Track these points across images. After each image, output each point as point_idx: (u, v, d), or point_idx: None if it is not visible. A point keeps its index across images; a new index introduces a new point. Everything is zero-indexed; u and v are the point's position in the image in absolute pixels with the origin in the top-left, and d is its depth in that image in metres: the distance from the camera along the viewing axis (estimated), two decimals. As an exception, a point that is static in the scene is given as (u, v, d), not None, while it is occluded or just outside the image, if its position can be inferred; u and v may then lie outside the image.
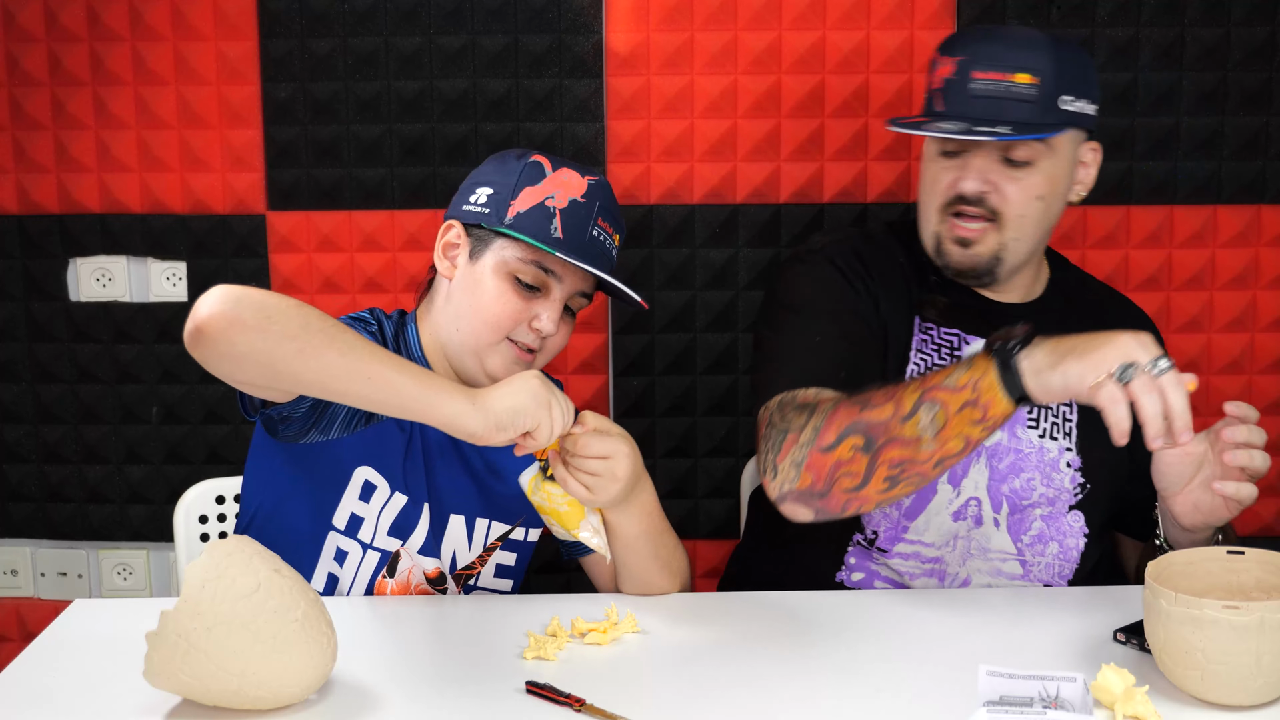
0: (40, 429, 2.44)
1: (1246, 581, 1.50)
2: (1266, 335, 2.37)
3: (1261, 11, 2.29)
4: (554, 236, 1.67)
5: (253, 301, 1.45)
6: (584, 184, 1.70)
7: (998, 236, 1.76)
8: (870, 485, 1.59)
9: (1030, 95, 1.69)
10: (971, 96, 1.71)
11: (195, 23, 2.31)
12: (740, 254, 2.35)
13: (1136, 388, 1.44)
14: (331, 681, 1.48)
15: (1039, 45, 1.72)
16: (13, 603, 2.50)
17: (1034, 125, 1.69)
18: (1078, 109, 1.73)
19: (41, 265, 2.40)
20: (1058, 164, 1.75)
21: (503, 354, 1.70)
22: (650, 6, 2.30)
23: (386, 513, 1.73)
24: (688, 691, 1.45)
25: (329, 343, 1.46)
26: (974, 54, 1.73)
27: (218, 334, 1.43)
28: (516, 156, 1.74)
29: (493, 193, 1.71)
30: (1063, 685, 1.29)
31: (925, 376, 1.59)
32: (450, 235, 1.74)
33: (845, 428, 1.59)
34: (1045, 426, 1.81)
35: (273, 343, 1.44)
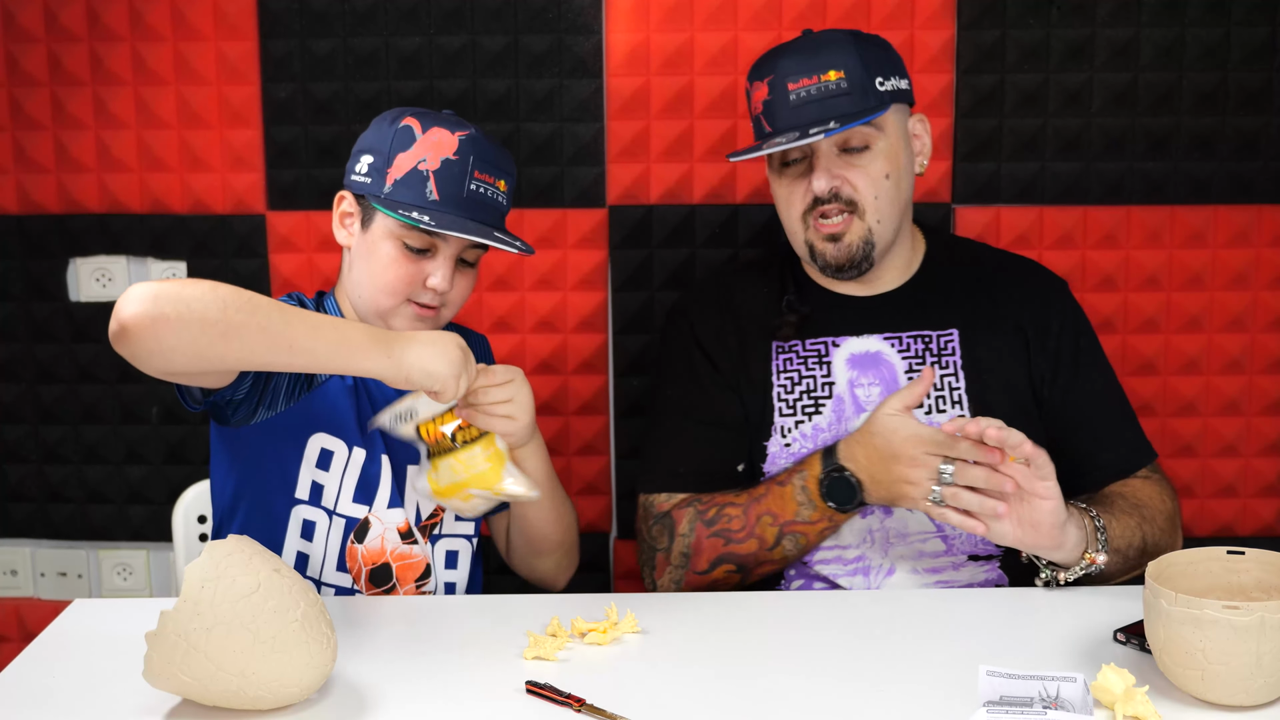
0: (40, 429, 2.44)
1: (1246, 581, 1.50)
2: (1266, 335, 2.37)
3: (1261, 11, 2.28)
4: (430, 200, 1.72)
5: (170, 295, 1.47)
6: (454, 140, 1.74)
7: (861, 223, 1.82)
8: (745, 582, 1.84)
9: (845, 88, 1.78)
10: (792, 107, 1.79)
11: (195, 23, 2.31)
12: (740, 254, 2.35)
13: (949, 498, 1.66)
14: (331, 681, 1.48)
15: (838, 42, 1.81)
16: (13, 603, 2.50)
17: (857, 113, 1.77)
18: (892, 86, 1.82)
19: (41, 265, 2.40)
20: (891, 142, 1.82)
21: (404, 315, 1.77)
22: (650, 6, 2.30)
23: (349, 475, 1.77)
24: (688, 691, 1.45)
25: (249, 319, 1.50)
26: (781, 70, 1.81)
27: (142, 331, 1.45)
28: (390, 120, 1.77)
29: (372, 161, 1.76)
30: (1063, 685, 1.29)
31: (764, 505, 1.79)
32: (344, 205, 1.80)
33: (715, 559, 1.81)
34: (930, 403, 1.85)
35: (195, 331, 1.47)
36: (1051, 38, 2.29)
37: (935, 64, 2.30)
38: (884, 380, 1.86)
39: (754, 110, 1.85)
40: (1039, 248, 2.32)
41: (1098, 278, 2.34)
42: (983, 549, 1.84)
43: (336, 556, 1.78)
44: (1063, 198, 2.34)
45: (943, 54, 2.30)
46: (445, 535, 1.86)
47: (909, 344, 1.87)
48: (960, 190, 2.34)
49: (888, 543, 1.83)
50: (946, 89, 2.31)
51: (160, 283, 1.49)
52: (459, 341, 1.63)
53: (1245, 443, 2.40)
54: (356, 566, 1.79)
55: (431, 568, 1.83)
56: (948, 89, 2.31)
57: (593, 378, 2.40)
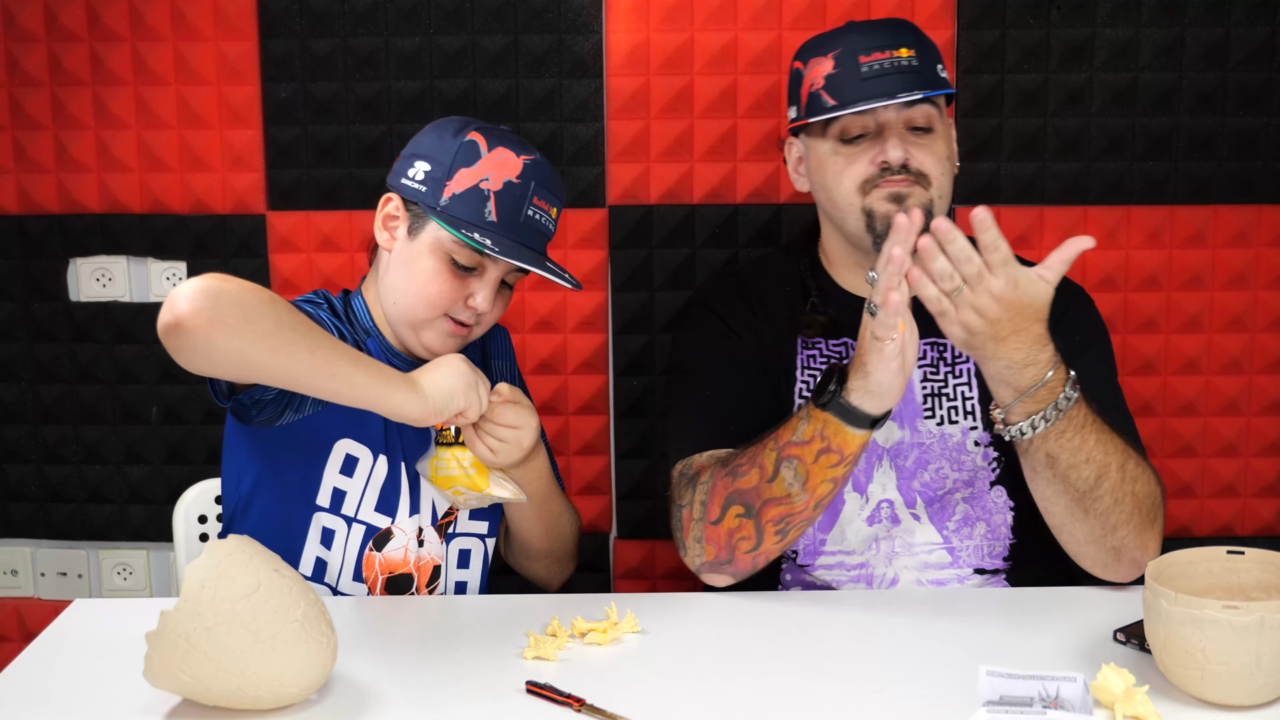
0: (40, 429, 2.44)
1: (1246, 581, 1.50)
2: (1266, 335, 2.37)
3: (1261, 11, 2.29)
4: (488, 220, 1.69)
5: (231, 299, 1.48)
6: (519, 164, 1.71)
7: (925, 193, 1.79)
8: (765, 542, 1.71)
9: (915, 65, 1.77)
10: (864, 79, 1.76)
11: (195, 23, 2.31)
12: (740, 254, 2.35)
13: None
14: (331, 681, 1.48)
15: (901, 26, 1.83)
16: (13, 603, 2.51)
17: (937, 85, 1.78)
18: (946, 77, 1.82)
19: (41, 265, 2.40)
20: (948, 128, 1.83)
21: (438, 329, 1.74)
22: (650, 6, 2.30)
23: (372, 483, 1.76)
24: (688, 691, 1.45)
25: (299, 339, 1.51)
26: (848, 45, 1.78)
27: (197, 331, 1.46)
28: (454, 131, 1.73)
29: (430, 170, 1.72)
30: (1063, 685, 1.29)
31: (776, 433, 1.68)
32: (390, 208, 1.76)
33: (724, 499, 1.71)
34: (942, 413, 1.82)
35: (248, 341, 1.48)
36: (1051, 38, 2.29)
37: (935, 64, 2.30)
38: None
39: (811, 86, 1.79)
40: (1039, 248, 2.32)
41: (1098, 278, 2.34)
42: (989, 562, 1.83)
43: (354, 565, 1.77)
44: (1063, 198, 2.34)
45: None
46: (460, 534, 1.84)
47: (924, 350, 1.84)
48: (960, 190, 2.33)
49: (893, 553, 1.81)
50: (946, 89, 2.31)
51: (219, 281, 1.49)
52: (459, 356, 1.65)
53: (1245, 443, 2.40)
54: (373, 575, 1.77)
55: (442, 569, 1.82)
56: (948, 89, 2.31)
57: (593, 378, 2.40)
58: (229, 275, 1.53)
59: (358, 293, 1.83)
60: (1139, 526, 1.68)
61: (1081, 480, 1.64)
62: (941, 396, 1.83)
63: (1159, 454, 2.37)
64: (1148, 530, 1.69)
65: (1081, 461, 1.63)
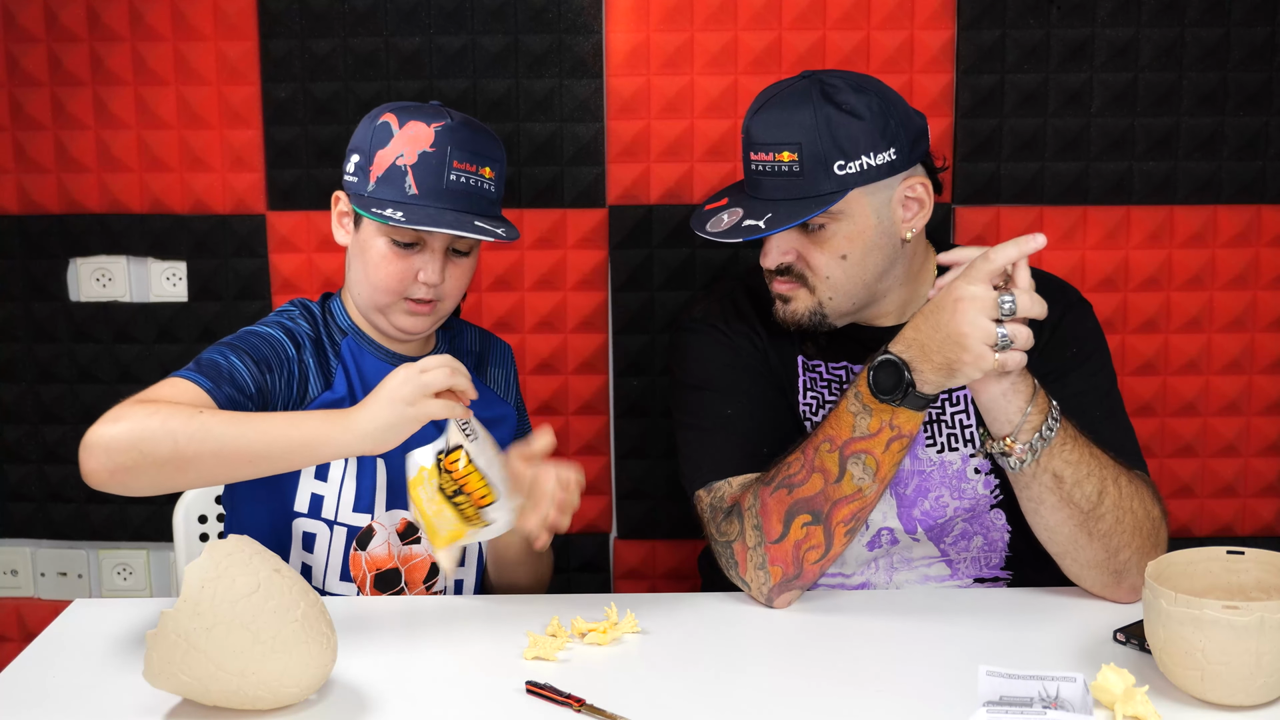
0: (40, 429, 2.44)
1: (1246, 581, 1.50)
2: (1266, 335, 2.37)
3: (1261, 11, 2.28)
4: (410, 195, 1.72)
5: (121, 443, 1.54)
6: (430, 132, 1.73)
7: (810, 296, 1.76)
8: (835, 545, 1.68)
9: (795, 171, 1.69)
10: (751, 175, 1.74)
11: (195, 23, 2.31)
12: (740, 254, 2.35)
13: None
14: (331, 681, 1.48)
15: (803, 114, 1.69)
16: (13, 603, 2.50)
17: (807, 200, 1.68)
18: (859, 166, 1.68)
19: (41, 265, 2.40)
20: (855, 222, 1.71)
21: (400, 310, 1.77)
22: (650, 6, 2.30)
23: (346, 486, 1.77)
24: (688, 691, 1.45)
25: (200, 447, 1.55)
26: (749, 131, 1.74)
27: (106, 482, 1.57)
28: (373, 117, 1.78)
29: (358, 160, 1.77)
30: (1063, 685, 1.29)
31: (820, 434, 1.66)
32: (340, 205, 1.81)
33: (785, 514, 1.67)
34: (942, 440, 1.80)
35: (154, 472, 1.56)
36: (1051, 38, 2.29)
37: (935, 64, 2.30)
38: None
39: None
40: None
41: (1098, 278, 2.34)
42: (988, 572, 1.83)
43: (340, 566, 1.77)
44: (1063, 198, 2.34)
45: (943, 54, 2.29)
46: None
47: None
48: (960, 190, 2.34)
49: (892, 568, 1.81)
50: (946, 89, 2.31)
51: (110, 423, 1.56)
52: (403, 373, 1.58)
53: (1245, 443, 2.40)
54: (360, 574, 1.78)
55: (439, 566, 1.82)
56: (948, 89, 2.31)
57: (593, 378, 2.40)
58: (129, 404, 1.58)
59: (337, 294, 1.87)
60: (1141, 549, 1.66)
61: (1085, 498, 1.63)
62: (940, 423, 1.81)
63: (1159, 454, 2.37)
64: (1150, 554, 1.65)
65: (1084, 476, 1.62)
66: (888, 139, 1.69)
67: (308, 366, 1.76)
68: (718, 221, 1.73)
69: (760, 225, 1.68)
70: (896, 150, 1.70)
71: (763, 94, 1.76)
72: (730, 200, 1.77)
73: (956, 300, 1.54)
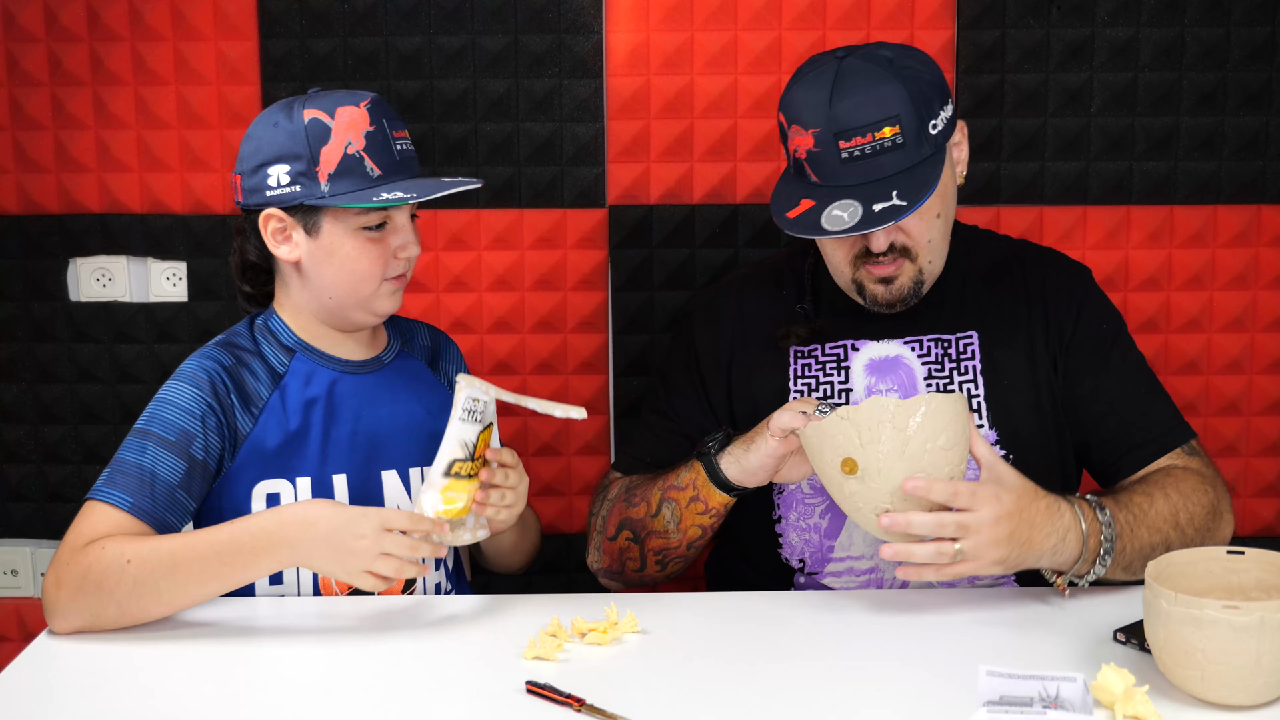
0: (40, 429, 2.44)
1: (1246, 581, 1.50)
2: (1266, 335, 2.37)
3: (1261, 11, 2.29)
4: (374, 176, 1.70)
5: (72, 617, 1.59)
6: (364, 112, 1.71)
7: (913, 266, 1.77)
8: (649, 568, 1.84)
9: (899, 143, 1.66)
10: (844, 163, 1.67)
11: (195, 23, 2.31)
12: (740, 254, 2.35)
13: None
14: (332, 681, 1.48)
15: (885, 87, 1.66)
16: (13, 603, 2.50)
17: (915, 171, 1.67)
18: (942, 121, 1.71)
19: (41, 265, 2.40)
20: (943, 180, 1.73)
21: (384, 293, 1.76)
22: (650, 6, 2.30)
23: None
24: (688, 691, 1.45)
25: (143, 598, 1.59)
26: (828, 121, 1.66)
27: (75, 632, 1.60)
28: (287, 119, 1.71)
29: (290, 168, 1.70)
30: (1063, 685, 1.29)
31: (667, 474, 1.80)
32: (274, 224, 1.73)
33: (619, 522, 1.84)
34: None
35: (111, 623, 1.59)
36: (1051, 38, 2.29)
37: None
38: (902, 385, 1.82)
39: (794, 152, 1.72)
40: (1039, 248, 2.32)
41: (1098, 278, 2.31)
42: None
43: (310, 589, 1.74)
44: (1063, 198, 2.34)
45: (943, 54, 2.30)
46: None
47: (929, 347, 1.84)
48: (960, 190, 2.32)
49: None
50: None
51: (55, 589, 1.59)
52: (366, 535, 1.58)
53: (1245, 443, 2.40)
54: (332, 594, 1.75)
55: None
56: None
57: (593, 378, 2.40)
58: (62, 566, 1.61)
59: (273, 312, 1.81)
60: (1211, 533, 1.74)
61: (1154, 556, 1.65)
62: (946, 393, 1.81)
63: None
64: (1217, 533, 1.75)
65: (1148, 551, 1.66)
66: (946, 91, 1.74)
67: (231, 407, 1.72)
68: (836, 220, 1.66)
69: (902, 204, 1.64)
70: (951, 101, 1.75)
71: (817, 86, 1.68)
72: (819, 198, 1.69)
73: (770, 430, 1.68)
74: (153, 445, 1.67)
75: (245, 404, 1.73)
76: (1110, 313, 1.89)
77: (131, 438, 1.69)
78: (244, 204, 1.74)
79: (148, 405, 1.73)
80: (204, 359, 1.75)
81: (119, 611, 1.58)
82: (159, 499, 1.65)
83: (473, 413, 1.65)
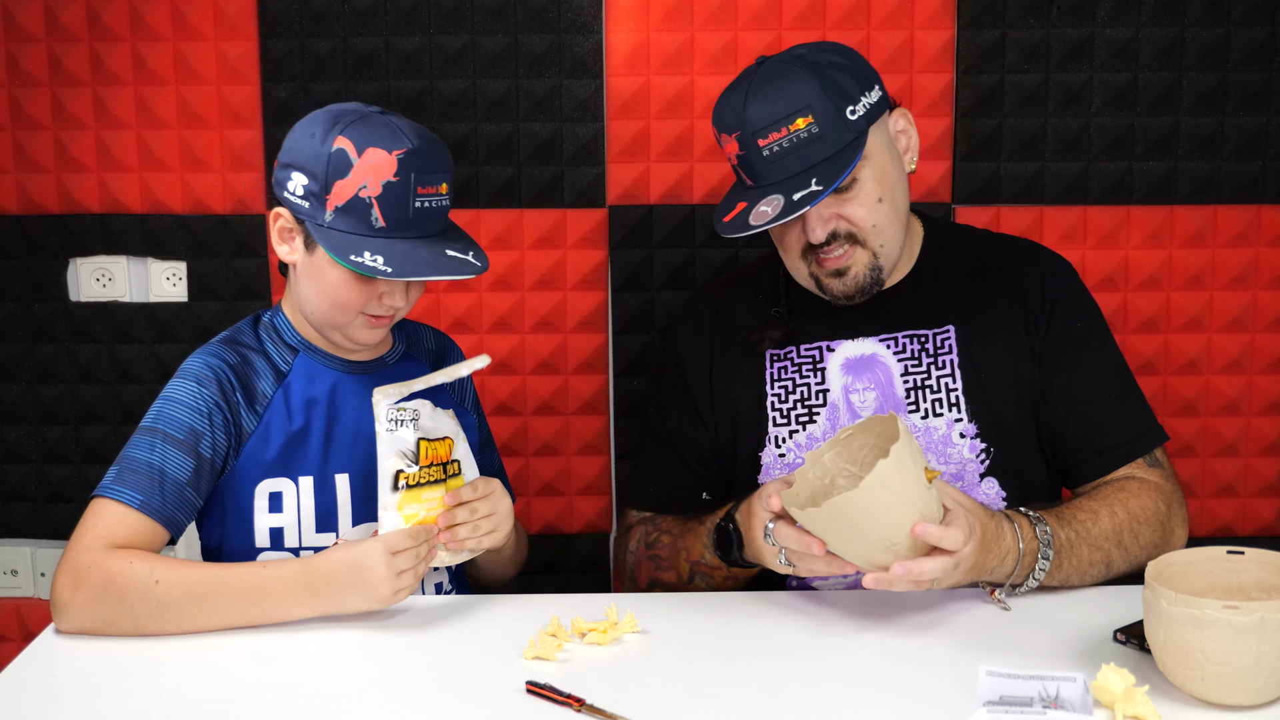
0: (40, 429, 2.44)
1: (1246, 581, 1.50)
2: (1266, 335, 2.37)
3: (1261, 11, 2.29)
4: (377, 227, 1.66)
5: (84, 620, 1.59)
6: (393, 161, 1.65)
7: (865, 251, 1.78)
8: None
9: (816, 133, 1.69)
10: (768, 162, 1.72)
11: (195, 23, 2.31)
12: (740, 254, 2.35)
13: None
14: (332, 681, 1.48)
15: (798, 78, 1.70)
16: (13, 603, 2.50)
17: (836, 158, 1.70)
18: (865, 107, 1.72)
19: (41, 265, 2.40)
20: (878, 164, 1.75)
21: (359, 324, 1.75)
22: (650, 6, 2.30)
23: (304, 509, 1.75)
24: (688, 691, 1.45)
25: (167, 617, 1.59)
26: (744, 124, 1.71)
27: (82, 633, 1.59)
28: (322, 137, 1.67)
29: (307, 184, 1.68)
30: (1063, 685, 1.29)
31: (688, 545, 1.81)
32: (283, 222, 1.73)
33: (650, 581, 1.86)
34: (926, 406, 1.81)
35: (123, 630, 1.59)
36: (1051, 38, 2.30)
37: (935, 64, 2.30)
38: (879, 384, 1.83)
39: (729, 160, 1.78)
40: (1039, 248, 2.32)
41: (1098, 278, 2.34)
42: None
43: None
44: (1063, 198, 2.34)
45: (943, 54, 2.30)
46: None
47: (905, 344, 1.84)
48: (960, 190, 2.34)
49: None
50: (946, 89, 2.31)
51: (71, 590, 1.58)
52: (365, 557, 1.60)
53: (1245, 443, 2.40)
54: None
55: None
56: (948, 89, 2.31)
57: (593, 378, 2.40)
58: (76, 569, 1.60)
59: (279, 309, 1.82)
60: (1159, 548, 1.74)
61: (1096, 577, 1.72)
62: (925, 389, 1.82)
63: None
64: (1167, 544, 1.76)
65: (1088, 568, 1.70)
66: (869, 78, 1.76)
67: (237, 405, 1.72)
68: (760, 215, 1.70)
69: (816, 189, 1.67)
70: (878, 87, 1.77)
71: (735, 92, 1.74)
72: (750, 199, 1.74)
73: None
74: (161, 443, 1.67)
75: (250, 402, 1.73)
76: (1087, 310, 1.88)
77: (139, 435, 1.69)
78: (275, 190, 1.75)
79: (153, 403, 1.72)
80: (209, 356, 1.75)
81: (134, 625, 1.58)
82: (169, 497, 1.65)
83: (398, 421, 1.65)
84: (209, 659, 1.54)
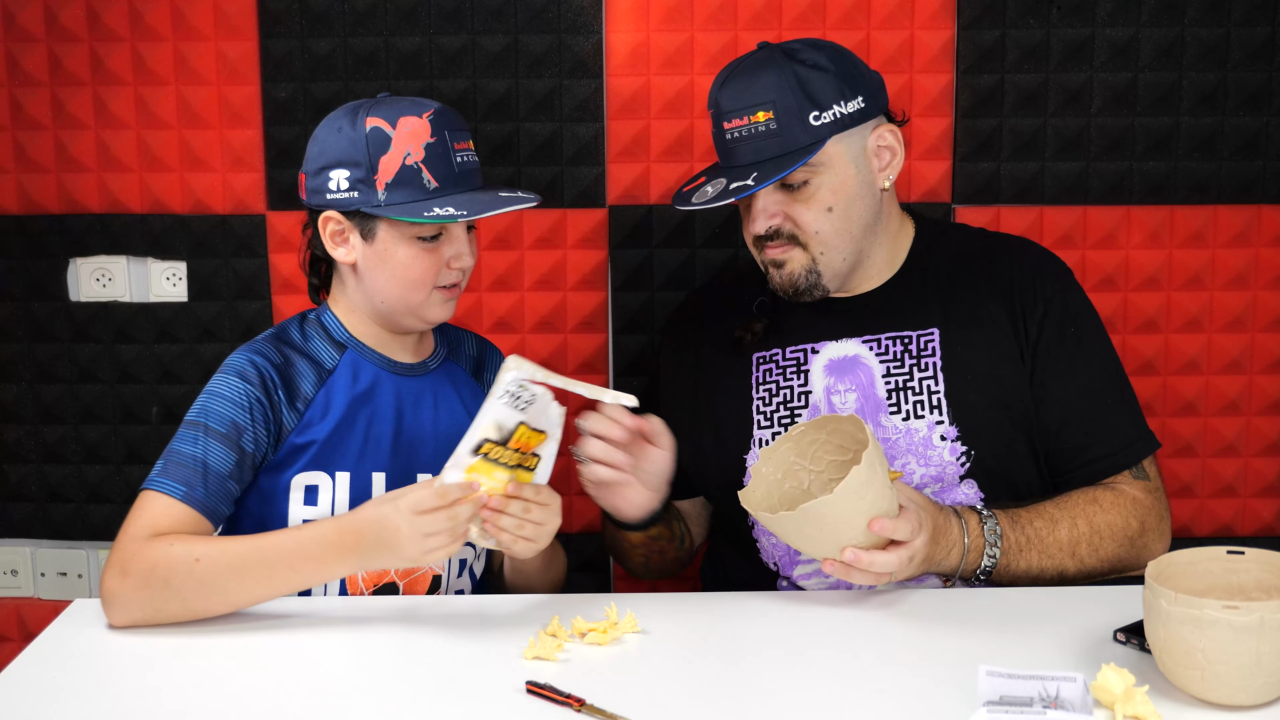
0: (40, 429, 2.44)
1: (1246, 581, 1.50)
2: (1266, 335, 2.37)
3: (1261, 11, 2.28)
4: (431, 189, 1.72)
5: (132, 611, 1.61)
6: (426, 124, 1.73)
7: (804, 254, 1.81)
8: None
9: (773, 129, 1.73)
10: (728, 146, 1.78)
11: (195, 23, 2.31)
12: (740, 254, 2.35)
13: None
14: (332, 681, 1.48)
15: (773, 74, 1.74)
16: (13, 603, 2.50)
17: (786, 156, 1.73)
18: (833, 115, 1.75)
19: (41, 265, 2.40)
20: (836, 173, 1.77)
21: (435, 301, 1.79)
22: (650, 6, 2.30)
23: (338, 505, 1.76)
24: (688, 691, 1.45)
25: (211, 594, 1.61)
26: (719, 103, 1.78)
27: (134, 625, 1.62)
28: (350, 125, 1.74)
29: (350, 174, 1.73)
30: (1063, 685, 1.29)
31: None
32: (332, 226, 1.77)
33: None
34: (908, 408, 1.81)
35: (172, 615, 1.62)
36: (1051, 38, 2.29)
37: (935, 64, 2.30)
38: (860, 386, 1.83)
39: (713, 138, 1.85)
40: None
41: (1098, 278, 2.34)
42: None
43: (337, 585, 1.76)
44: (1063, 198, 2.34)
45: (943, 54, 2.30)
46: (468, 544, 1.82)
47: (888, 346, 1.83)
48: (960, 190, 2.34)
49: None
50: (946, 89, 2.31)
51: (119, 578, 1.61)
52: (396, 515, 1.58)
53: (1245, 443, 2.40)
54: (358, 590, 1.77)
55: (442, 578, 1.81)
56: (948, 89, 2.31)
57: (593, 377, 2.40)
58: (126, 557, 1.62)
59: (325, 308, 1.85)
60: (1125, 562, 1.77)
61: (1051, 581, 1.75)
62: (906, 391, 1.81)
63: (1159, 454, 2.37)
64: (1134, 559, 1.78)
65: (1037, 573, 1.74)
66: (854, 87, 1.77)
67: (279, 403, 1.75)
68: (702, 194, 1.77)
69: (749, 183, 1.72)
70: (864, 98, 1.78)
71: (724, 70, 1.81)
72: (709, 176, 1.80)
73: None
74: (204, 436, 1.70)
75: (291, 400, 1.76)
76: (1082, 314, 1.86)
77: (184, 429, 1.73)
78: (308, 203, 1.79)
79: (198, 398, 1.76)
80: (253, 354, 1.77)
81: (182, 608, 1.61)
82: (211, 489, 1.68)
83: (516, 397, 1.61)
84: (209, 659, 1.55)
